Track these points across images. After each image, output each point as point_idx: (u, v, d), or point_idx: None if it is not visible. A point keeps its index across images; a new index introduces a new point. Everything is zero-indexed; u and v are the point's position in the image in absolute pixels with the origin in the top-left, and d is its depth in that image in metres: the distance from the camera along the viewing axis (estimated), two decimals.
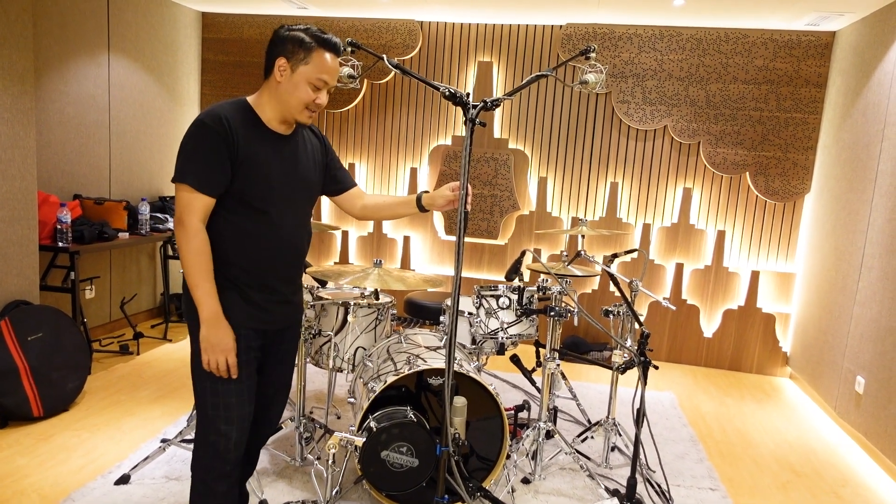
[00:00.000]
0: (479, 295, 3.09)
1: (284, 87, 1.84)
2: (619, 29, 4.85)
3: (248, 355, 1.90)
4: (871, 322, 3.64)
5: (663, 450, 3.39)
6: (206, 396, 1.88)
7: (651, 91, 4.86)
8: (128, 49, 4.70)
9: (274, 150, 1.89)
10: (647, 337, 2.51)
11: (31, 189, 3.41)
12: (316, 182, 2.07)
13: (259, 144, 1.85)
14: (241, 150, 1.80)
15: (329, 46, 1.84)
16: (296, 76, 1.83)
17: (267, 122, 1.88)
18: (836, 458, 3.48)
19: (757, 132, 4.76)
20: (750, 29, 4.67)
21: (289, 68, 1.83)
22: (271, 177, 1.87)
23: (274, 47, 1.85)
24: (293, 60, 1.82)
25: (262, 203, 1.86)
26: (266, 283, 1.92)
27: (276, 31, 1.86)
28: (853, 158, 4.09)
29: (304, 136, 2.02)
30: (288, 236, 1.95)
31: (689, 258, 4.99)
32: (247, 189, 1.83)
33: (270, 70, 1.86)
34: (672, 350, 5.02)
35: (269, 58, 1.87)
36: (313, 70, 1.83)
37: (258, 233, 1.87)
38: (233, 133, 1.78)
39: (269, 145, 1.88)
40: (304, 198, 2.00)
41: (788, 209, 4.83)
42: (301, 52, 1.82)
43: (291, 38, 1.82)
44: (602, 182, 5.06)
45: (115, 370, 3.99)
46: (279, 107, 1.87)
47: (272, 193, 1.88)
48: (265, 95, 1.88)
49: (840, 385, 3.96)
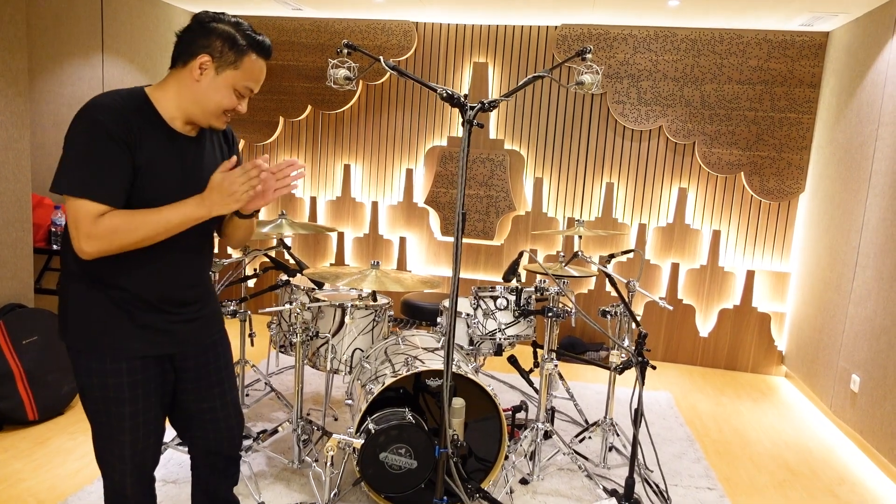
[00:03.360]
0: (476, 296, 3.09)
1: (203, 88, 1.58)
2: (614, 30, 4.86)
3: (142, 388, 1.64)
4: (866, 321, 3.66)
5: (661, 449, 3.39)
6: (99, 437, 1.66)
7: (646, 91, 4.88)
8: (122, 50, 4.68)
9: (176, 154, 1.62)
10: (645, 337, 2.51)
11: (26, 192, 3.39)
12: None
13: (158, 147, 1.58)
14: (141, 151, 1.54)
15: (263, 50, 1.62)
16: (220, 79, 1.58)
17: (169, 120, 1.61)
18: (833, 457, 3.50)
19: (751, 132, 4.78)
20: (744, 29, 4.69)
21: (213, 68, 1.57)
22: (171, 186, 1.60)
23: (195, 38, 1.57)
24: (220, 61, 1.57)
25: None
26: (164, 305, 1.67)
27: (199, 19, 1.59)
28: (847, 158, 4.11)
29: (213, 139, 1.76)
30: (189, 252, 1.70)
31: (684, 258, 5.00)
32: (141, 200, 1.55)
33: (185, 62, 1.58)
34: (668, 350, 5.03)
35: (185, 48, 1.58)
36: (242, 76, 1.60)
37: (152, 250, 1.60)
38: (131, 129, 1.52)
39: (170, 148, 1.61)
40: None
41: (783, 209, 4.85)
42: (231, 54, 1.57)
43: (222, 34, 1.57)
44: (598, 182, 5.07)
45: None
46: (191, 108, 1.61)
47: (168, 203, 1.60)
48: (171, 90, 1.60)
49: (835, 384, 3.98)
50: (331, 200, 5.48)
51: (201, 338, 1.79)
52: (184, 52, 1.58)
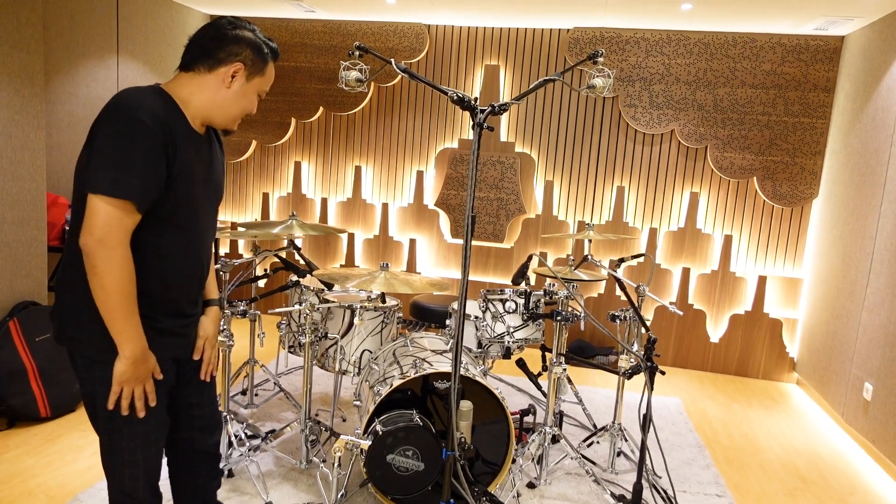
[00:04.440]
0: (485, 299, 3.09)
1: (232, 94, 1.63)
2: (627, 33, 4.85)
3: (160, 392, 1.67)
4: (880, 328, 3.62)
5: (669, 455, 3.37)
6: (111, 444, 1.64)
7: (658, 95, 4.86)
8: (136, 51, 4.72)
9: (199, 155, 1.64)
10: (654, 342, 2.50)
11: (41, 191, 3.43)
12: (224, 184, 1.85)
13: (189, 149, 1.59)
14: (177, 155, 1.53)
15: (278, 56, 1.71)
16: (249, 86, 1.65)
17: (190, 119, 1.62)
18: (844, 465, 3.46)
19: (764, 137, 4.74)
20: (758, 33, 4.66)
21: (244, 76, 1.63)
22: (196, 188, 1.63)
23: (223, 45, 1.59)
24: (251, 69, 1.64)
25: (186, 220, 1.62)
26: (178, 307, 1.68)
27: (231, 30, 1.61)
28: (862, 164, 4.07)
29: (211, 137, 1.77)
30: (202, 251, 1.73)
31: (695, 263, 4.97)
32: (176, 204, 1.57)
33: (211, 67, 1.59)
34: (678, 355, 5.00)
35: (211, 53, 1.59)
36: (265, 82, 1.70)
37: (176, 254, 1.63)
38: (170, 132, 1.51)
39: (196, 150, 1.62)
40: (216, 205, 1.80)
41: (796, 214, 4.81)
42: (259, 62, 1.65)
43: (252, 44, 1.63)
44: (608, 186, 5.06)
45: None
46: (214, 112, 1.63)
47: (196, 207, 1.64)
48: (195, 92, 1.61)
49: (848, 391, 3.94)
50: (341, 202, 5.50)
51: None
52: (208, 58, 1.59)
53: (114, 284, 1.46)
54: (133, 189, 1.45)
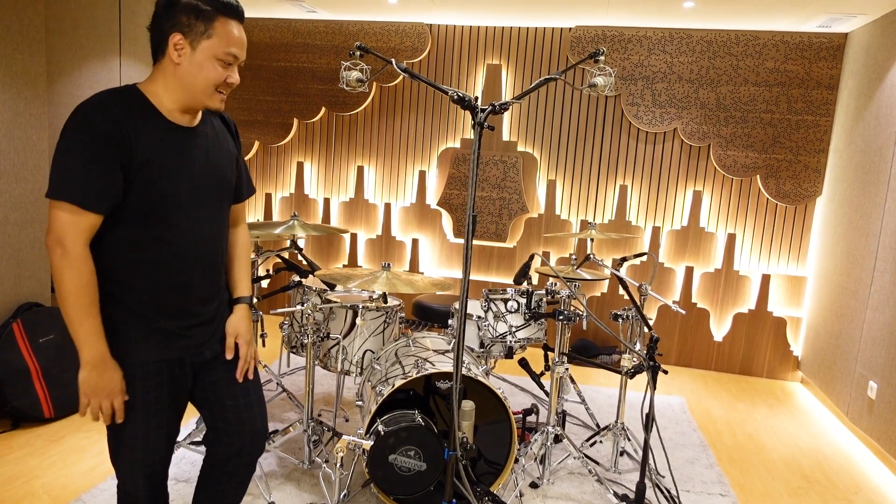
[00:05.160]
0: (487, 298, 3.09)
1: (186, 68, 1.52)
2: (629, 31, 4.84)
3: (155, 392, 1.62)
4: (884, 326, 3.60)
5: (673, 455, 3.36)
6: (112, 440, 1.64)
7: (661, 93, 4.84)
8: (139, 53, 4.73)
9: (179, 146, 1.57)
10: (657, 341, 2.49)
11: (44, 192, 3.44)
12: (231, 178, 1.74)
13: (159, 142, 1.53)
14: (136, 151, 1.48)
15: (230, 10, 1.53)
16: (198, 53, 1.51)
17: (167, 113, 1.56)
18: (849, 465, 3.44)
19: (768, 135, 4.73)
20: (761, 31, 4.64)
21: (187, 45, 1.51)
22: (178, 181, 1.56)
23: (161, 21, 1.51)
24: (191, 35, 1.50)
25: (168, 214, 1.55)
26: (180, 306, 1.64)
27: (164, 3, 1.52)
28: (866, 161, 4.05)
29: (214, 125, 1.71)
30: (203, 248, 1.66)
31: (698, 262, 4.96)
32: (148, 199, 1.51)
33: (162, 50, 1.53)
34: (682, 354, 4.99)
35: (156, 35, 1.53)
36: (219, 43, 1.52)
37: (166, 250, 1.57)
38: (124, 131, 1.46)
39: (173, 141, 1.56)
40: (219, 200, 1.70)
41: (800, 212, 4.79)
42: (200, 24, 1.50)
43: (183, 7, 1.49)
44: (611, 185, 5.05)
45: None
46: (182, 93, 1.55)
47: (181, 201, 1.57)
48: (160, 81, 1.55)
49: (852, 390, 3.92)
50: (344, 202, 5.50)
51: (219, 338, 1.77)
52: (159, 40, 1.53)
53: (68, 286, 1.45)
54: (74, 191, 1.43)
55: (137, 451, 1.63)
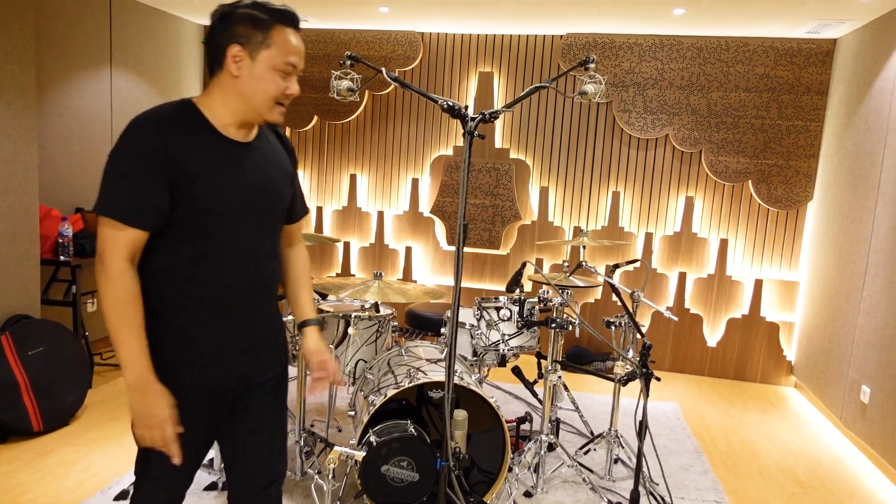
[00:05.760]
0: (479, 307, 3.08)
1: (245, 81, 1.47)
2: (620, 38, 4.86)
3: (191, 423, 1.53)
4: (876, 331, 3.61)
5: (667, 462, 3.36)
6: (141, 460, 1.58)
7: (652, 100, 4.86)
8: (130, 63, 4.72)
9: (232, 162, 1.51)
10: (650, 349, 2.49)
11: (33, 203, 3.42)
12: (286, 196, 1.67)
13: (211, 157, 1.48)
14: (185, 168, 1.43)
15: (287, 18, 1.48)
16: (258, 65, 1.46)
17: (221, 128, 1.51)
18: (843, 469, 3.44)
19: (759, 140, 4.75)
20: (750, 37, 4.67)
21: (246, 56, 1.45)
22: (231, 198, 1.50)
23: (219, 34, 1.46)
24: (250, 45, 1.45)
25: (217, 232, 1.49)
26: (226, 329, 1.55)
27: (219, 15, 1.47)
28: (856, 166, 4.07)
29: (269, 141, 1.65)
30: (253, 269, 1.57)
31: (691, 267, 4.96)
32: (196, 216, 1.46)
33: (219, 63, 1.47)
34: (675, 360, 4.99)
35: (213, 48, 1.48)
36: (278, 53, 1.46)
37: (214, 269, 1.50)
38: (171, 146, 1.41)
39: (225, 157, 1.50)
40: (272, 219, 1.62)
41: (791, 217, 4.81)
42: (258, 34, 1.45)
43: (241, 18, 1.45)
44: (604, 191, 5.05)
45: (116, 384, 3.98)
46: (241, 107, 1.49)
47: (231, 219, 1.51)
48: (217, 95, 1.50)
49: (845, 394, 3.92)
50: (337, 210, 5.49)
51: (261, 371, 1.66)
52: (216, 53, 1.48)
53: (106, 301, 1.41)
54: (117, 206, 1.40)
55: (166, 476, 1.57)
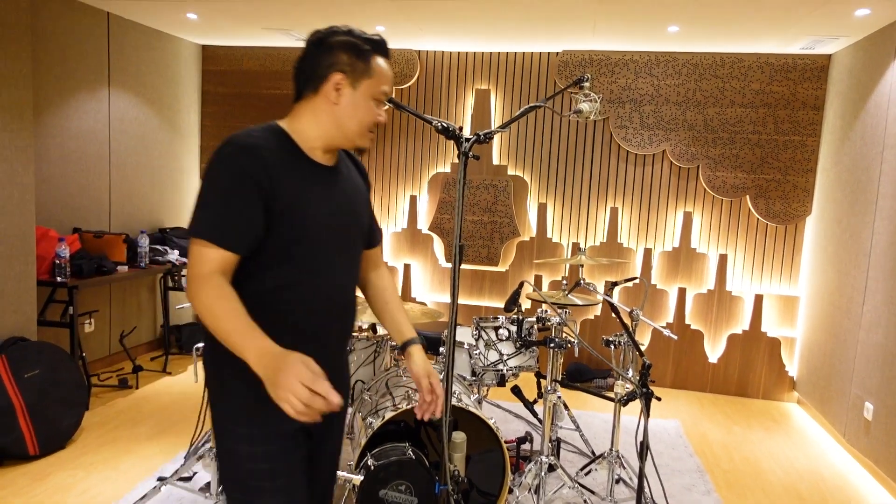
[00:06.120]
0: (478, 326, 3.06)
1: (344, 108, 1.46)
2: (615, 55, 4.88)
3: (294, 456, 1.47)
4: (878, 347, 3.59)
5: (669, 481, 3.32)
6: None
7: (649, 116, 4.87)
8: (128, 83, 4.74)
9: (321, 186, 1.49)
10: (649, 368, 2.47)
11: (29, 225, 3.41)
12: (367, 220, 1.65)
13: (304, 183, 1.45)
14: (280, 193, 1.40)
15: (384, 50, 1.50)
16: (359, 93, 1.46)
17: (309, 151, 1.49)
18: (847, 486, 3.40)
19: (756, 155, 4.75)
20: (745, 53, 4.69)
21: (348, 85, 1.45)
22: (323, 223, 1.47)
23: (321, 59, 1.45)
24: (353, 75, 1.45)
25: (311, 259, 1.46)
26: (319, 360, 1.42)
27: (313, 41, 1.46)
28: (853, 181, 4.07)
29: (347, 164, 1.63)
30: (340, 295, 1.54)
31: (691, 283, 4.95)
32: (289, 242, 1.42)
33: (314, 89, 1.46)
34: (677, 376, 4.96)
35: (312, 74, 1.46)
36: (376, 82, 1.47)
37: (306, 296, 1.47)
38: (270, 169, 1.38)
39: (314, 181, 1.48)
40: (356, 244, 1.60)
41: (790, 232, 4.80)
42: (360, 63, 1.45)
43: (345, 46, 1.44)
44: (602, 207, 5.05)
45: (113, 405, 3.95)
46: (334, 132, 1.48)
47: (322, 245, 1.48)
48: (308, 120, 1.48)
49: (848, 411, 3.89)
50: None
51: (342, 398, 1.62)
52: (311, 78, 1.46)
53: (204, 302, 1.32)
54: (213, 228, 1.35)
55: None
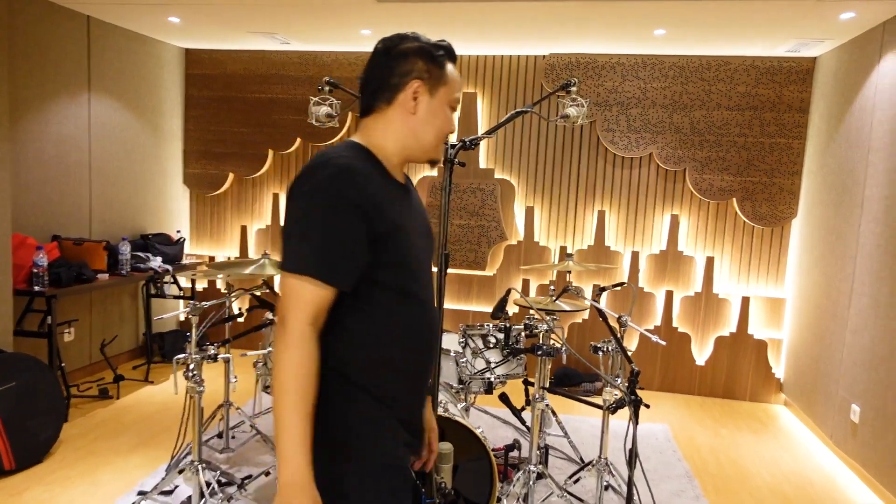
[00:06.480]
0: (464, 334, 3.03)
1: (422, 117, 1.37)
2: (602, 58, 4.87)
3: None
4: (864, 349, 3.59)
5: (658, 487, 3.30)
6: None
7: (635, 119, 4.86)
8: (109, 87, 4.66)
9: (406, 206, 1.40)
10: (638, 375, 2.45)
11: (5, 234, 3.33)
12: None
13: (396, 205, 1.35)
14: (382, 215, 1.28)
15: (454, 56, 1.43)
16: (436, 101, 1.38)
17: (390, 168, 1.40)
18: (834, 489, 3.40)
19: (742, 158, 4.76)
20: (731, 56, 4.69)
21: (426, 93, 1.37)
22: (417, 247, 1.39)
23: (394, 67, 1.36)
24: (430, 82, 1.37)
25: (411, 283, 1.36)
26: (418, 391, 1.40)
27: (385, 49, 1.37)
28: (839, 183, 4.08)
29: (409, 181, 1.56)
30: (434, 321, 1.46)
31: (678, 285, 4.94)
32: (394, 269, 1.32)
33: (388, 100, 1.37)
34: (665, 379, 4.95)
35: (385, 83, 1.36)
36: (451, 89, 1.40)
37: (413, 327, 1.37)
38: (369, 192, 1.27)
39: (402, 202, 1.39)
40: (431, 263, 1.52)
41: (776, 234, 4.81)
42: (436, 69, 1.37)
43: (419, 52, 1.36)
44: (589, 210, 5.04)
45: (93, 416, 3.87)
46: (412, 145, 1.39)
47: (421, 268, 1.39)
48: (384, 133, 1.38)
49: (835, 413, 3.90)
50: None
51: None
52: (385, 89, 1.37)
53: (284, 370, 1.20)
54: (313, 262, 1.22)
55: None
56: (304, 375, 1.20)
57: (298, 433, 1.19)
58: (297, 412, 1.19)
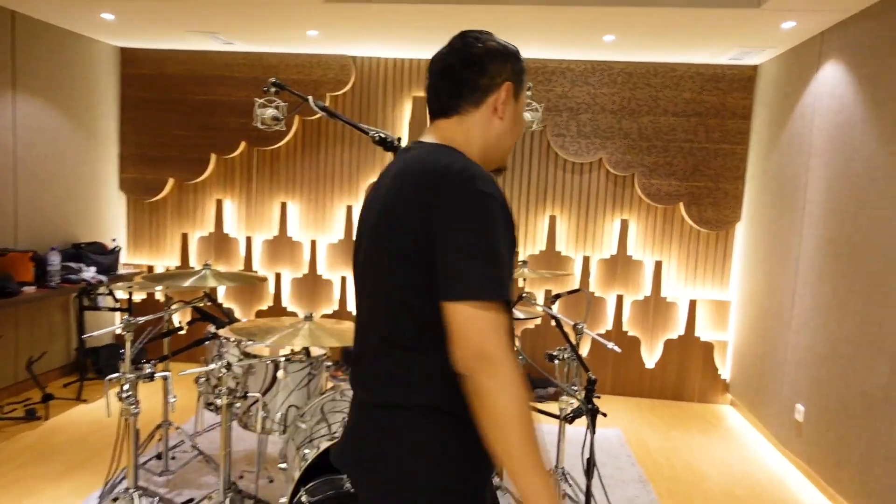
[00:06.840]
0: None
1: (508, 122, 1.29)
2: (552, 63, 4.88)
3: None
4: (807, 350, 3.68)
5: (614, 493, 3.29)
6: None
7: (585, 124, 4.89)
8: (37, 87, 4.38)
9: None
10: (595, 383, 2.42)
11: None
12: None
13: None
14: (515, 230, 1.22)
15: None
16: (519, 105, 1.31)
17: None
18: (781, 488, 3.47)
19: (688, 163, 4.84)
20: (678, 63, 4.78)
21: (511, 97, 1.28)
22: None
23: (489, 68, 1.25)
24: (518, 86, 1.29)
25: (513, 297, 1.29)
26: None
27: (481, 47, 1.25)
28: (780, 188, 4.19)
29: None
30: None
31: (628, 290, 4.99)
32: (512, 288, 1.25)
33: (474, 102, 1.26)
34: (616, 382, 4.99)
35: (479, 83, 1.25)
36: (525, 94, 1.35)
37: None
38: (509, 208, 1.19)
39: None
40: None
41: (721, 238, 4.92)
42: (522, 73, 1.30)
43: (510, 55, 1.27)
44: (541, 215, 5.03)
45: (18, 439, 3.60)
46: (493, 151, 1.30)
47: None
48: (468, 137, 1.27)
49: (781, 413, 3.99)
50: (267, 240, 5.25)
51: None
52: (473, 91, 1.25)
53: (513, 409, 1.05)
54: (504, 286, 1.09)
55: None
56: (525, 408, 1.07)
57: (545, 472, 1.07)
58: (537, 451, 1.07)
